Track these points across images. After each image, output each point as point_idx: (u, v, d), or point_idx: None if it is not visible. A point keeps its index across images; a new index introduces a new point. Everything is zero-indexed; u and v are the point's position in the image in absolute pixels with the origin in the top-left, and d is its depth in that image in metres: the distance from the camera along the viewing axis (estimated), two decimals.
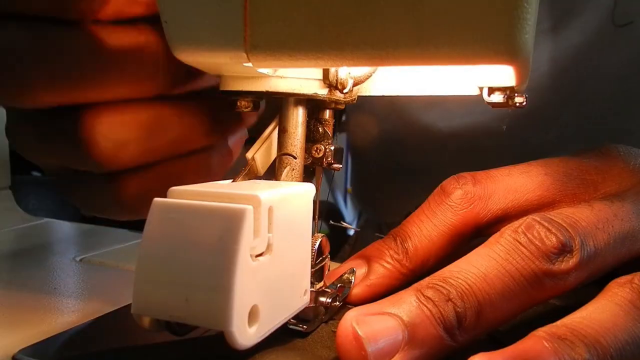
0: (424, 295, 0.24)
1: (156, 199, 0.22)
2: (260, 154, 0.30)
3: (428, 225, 0.33)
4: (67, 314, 0.32)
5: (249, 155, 0.30)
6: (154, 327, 0.22)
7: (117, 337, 0.30)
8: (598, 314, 0.24)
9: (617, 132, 0.52)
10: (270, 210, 0.23)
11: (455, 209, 0.32)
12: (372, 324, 0.24)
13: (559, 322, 0.24)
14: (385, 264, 0.32)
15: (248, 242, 0.21)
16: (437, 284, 0.25)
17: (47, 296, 0.35)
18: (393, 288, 0.32)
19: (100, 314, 0.32)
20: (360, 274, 0.33)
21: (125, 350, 0.27)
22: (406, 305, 0.24)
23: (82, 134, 0.27)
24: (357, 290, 0.32)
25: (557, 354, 0.22)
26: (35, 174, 0.99)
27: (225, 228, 0.21)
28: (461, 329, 0.24)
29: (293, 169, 0.30)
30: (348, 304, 0.32)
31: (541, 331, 0.23)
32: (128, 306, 0.33)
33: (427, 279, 0.26)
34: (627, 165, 0.32)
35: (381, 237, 0.35)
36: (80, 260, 0.43)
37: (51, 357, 0.27)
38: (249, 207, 0.21)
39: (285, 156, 0.30)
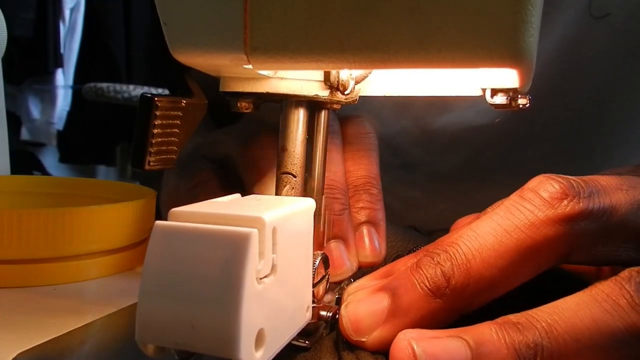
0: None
1: (158, 222, 0.22)
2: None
3: (492, 227, 0.26)
4: (67, 316, 0.32)
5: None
6: (159, 354, 0.22)
7: (118, 339, 0.30)
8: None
9: (598, 123, 0.52)
10: (274, 231, 0.22)
11: (544, 207, 0.25)
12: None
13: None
14: (417, 299, 0.26)
15: (254, 266, 0.21)
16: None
17: (46, 297, 0.34)
18: (431, 327, 0.25)
19: (101, 316, 0.31)
20: (381, 308, 0.26)
21: (126, 352, 0.27)
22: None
23: None
24: (380, 334, 0.26)
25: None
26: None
27: (230, 253, 0.20)
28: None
29: (293, 188, 0.30)
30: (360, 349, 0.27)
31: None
32: (129, 307, 0.33)
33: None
34: None
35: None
36: None
37: None
38: (254, 231, 0.20)
39: (285, 175, 0.30)
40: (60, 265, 0.37)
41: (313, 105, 0.31)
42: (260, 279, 0.22)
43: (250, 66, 0.25)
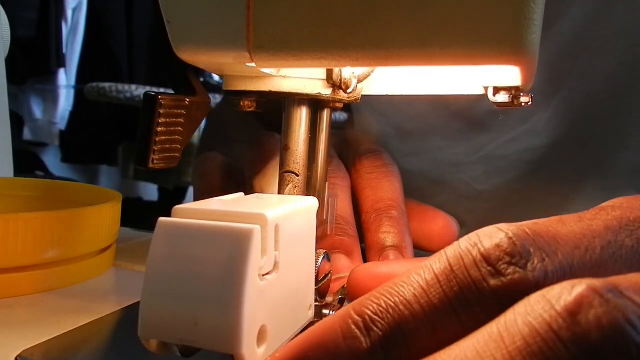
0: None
1: (161, 219, 0.22)
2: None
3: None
4: (70, 314, 0.32)
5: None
6: (161, 350, 0.22)
7: (121, 337, 0.30)
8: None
9: (603, 128, 0.51)
10: (276, 228, 0.22)
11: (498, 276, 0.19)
12: None
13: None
14: None
15: (256, 263, 0.21)
16: None
17: (46, 297, 0.35)
18: None
19: (104, 314, 0.32)
20: None
21: (128, 351, 0.27)
22: None
23: None
24: None
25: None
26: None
27: (233, 249, 0.20)
28: None
29: (295, 187, 0.30)
30: None
31: None
32: (131, 306, 0.33)
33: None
34: None
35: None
36: None
37: (54, 358, 0.27)
38: (257, 227, 0.21)
39: (287, 174, 0.30)
40: (59, 265, 0.37)
41: (316, 104, 0.31)
42: (263, 275, 0.22)
43: (253, 64, 0.25)
